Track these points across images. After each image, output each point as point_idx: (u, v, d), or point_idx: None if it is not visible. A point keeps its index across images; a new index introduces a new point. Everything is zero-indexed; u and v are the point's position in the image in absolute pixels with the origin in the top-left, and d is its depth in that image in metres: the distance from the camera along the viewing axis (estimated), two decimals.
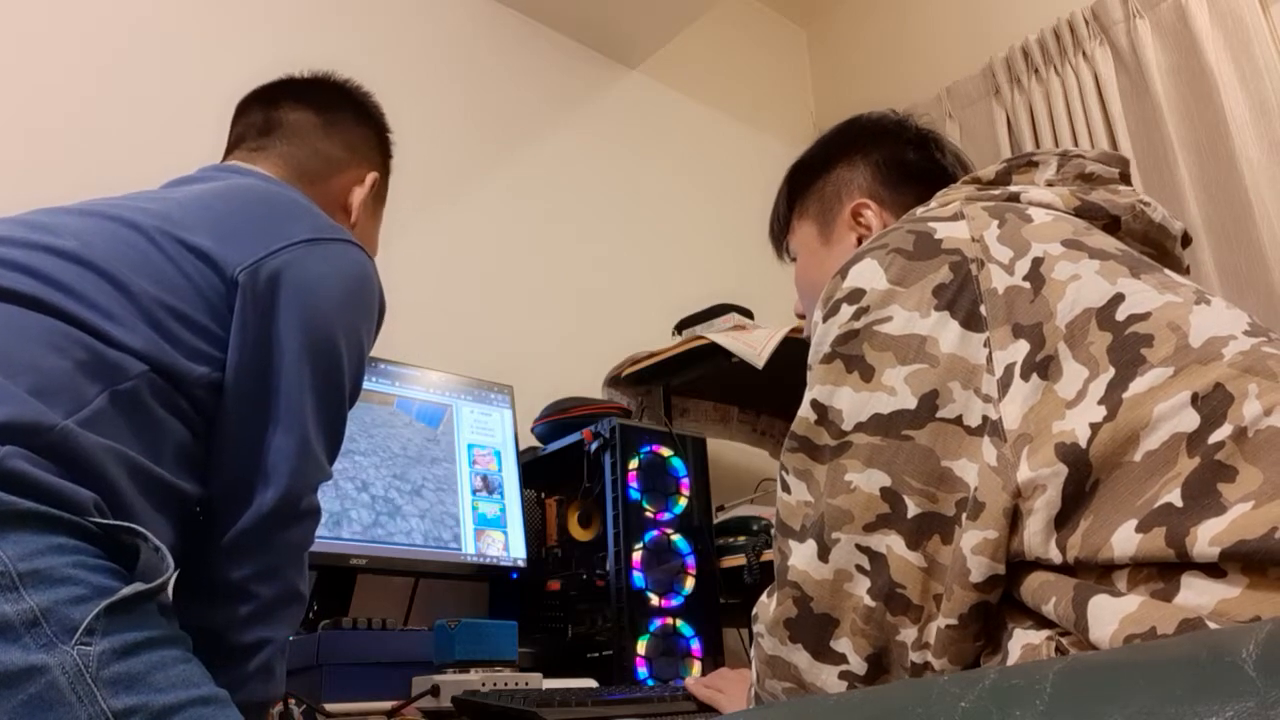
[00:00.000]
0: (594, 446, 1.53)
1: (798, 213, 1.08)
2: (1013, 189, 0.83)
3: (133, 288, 0.78)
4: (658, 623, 1.42)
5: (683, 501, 1.54)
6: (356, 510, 1.37)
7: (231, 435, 0.83)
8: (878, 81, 2.72)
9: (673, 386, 1.86)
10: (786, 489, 0.76)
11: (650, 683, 1.36)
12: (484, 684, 1.10)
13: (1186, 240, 0.86)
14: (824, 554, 0.72)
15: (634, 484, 1.49)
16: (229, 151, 1.09)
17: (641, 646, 1.39)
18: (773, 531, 0.80)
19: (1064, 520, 0.62)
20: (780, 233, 1.12)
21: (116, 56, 1.64)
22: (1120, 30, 2.17)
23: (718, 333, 1.69)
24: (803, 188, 1.08)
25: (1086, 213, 0.80)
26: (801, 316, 1.10)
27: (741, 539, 1.57)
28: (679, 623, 1.44)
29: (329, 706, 1.09)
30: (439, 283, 1.95)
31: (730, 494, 1.88)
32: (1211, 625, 0.52)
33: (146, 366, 0.76)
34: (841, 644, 0.73)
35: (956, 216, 0.77)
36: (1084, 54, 2.21)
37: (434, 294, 1.93)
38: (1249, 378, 0.59)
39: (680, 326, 1.85)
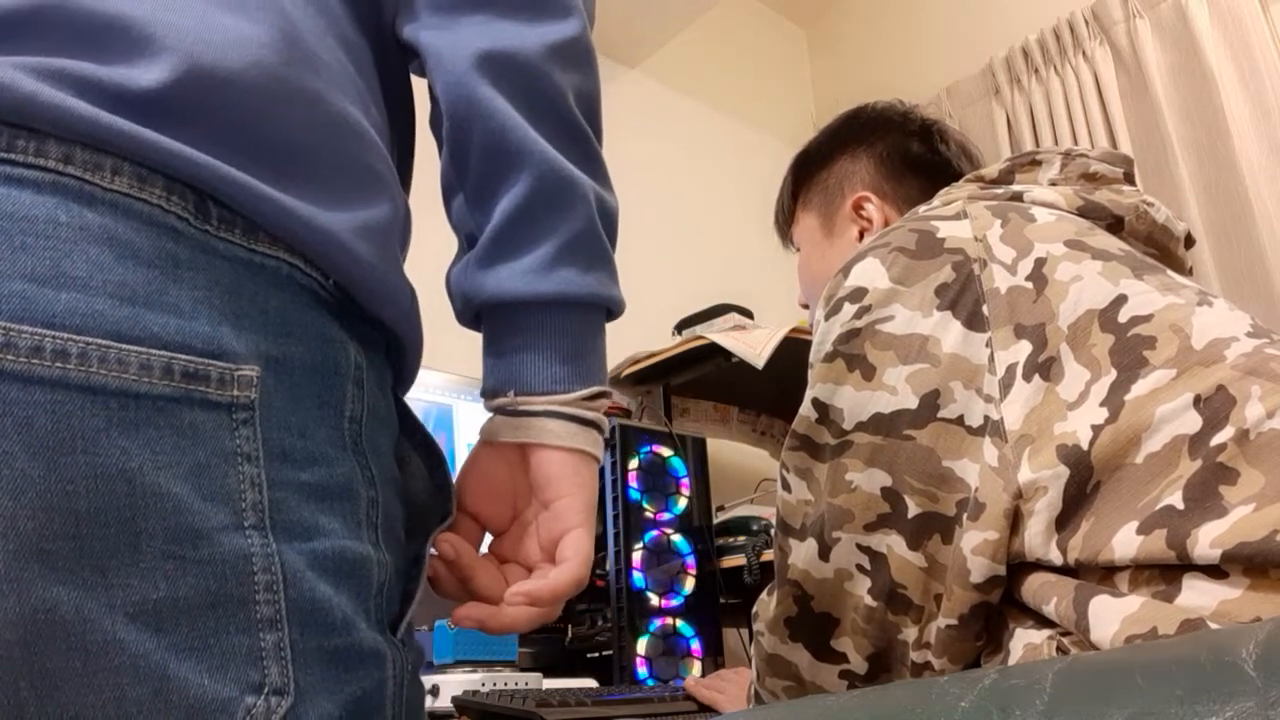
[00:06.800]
0: None
1: (801, 203, 1.08)
2: (1016, 188, 0.82)
3: None
4: (658, 623, 1.42)
5: (683, 501, 1.53)
6: None
7: None
8: (878, 81, 2.72)
9: (673, 386, 1.86)
10: (787, 487, 0.76)
11: (650, 683, 1.36)
12: (484, 684, 1.10)
13: (1190, 241, 0.86)
14: (824, 553, 0.72)
15: (634, 484, 1.49)
16: None
17: (641, 646, 1.39)
18: (773, 530, 0.80)
19: (1065, 522, 0.62)
20: (785, 223, 1.12)
21: None
22: (1120, 30, 2.17)
23: (718, 333, 1.69)
24: (806, 178, 1.08)
25: (1090, 213, 0.79)
26: (805, 306, 1.10)
27: (741, 539, 1.57)
28: (679, 623, 1.44)
29: None
30: (438, 282, 1.94)
31: (730, 494, 1.88)
32: (1213, 626, 0.52)
33: None
34: (842, 643, 0.73)
35: (959, 215, 0.77)
36: (1084, 54, 2.21)
37: (434, 294, 1.93)
38: (1251, 380, 0.59)
39: (680, 326, 1.85)
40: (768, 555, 1.50)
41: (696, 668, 1.43)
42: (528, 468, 0.54)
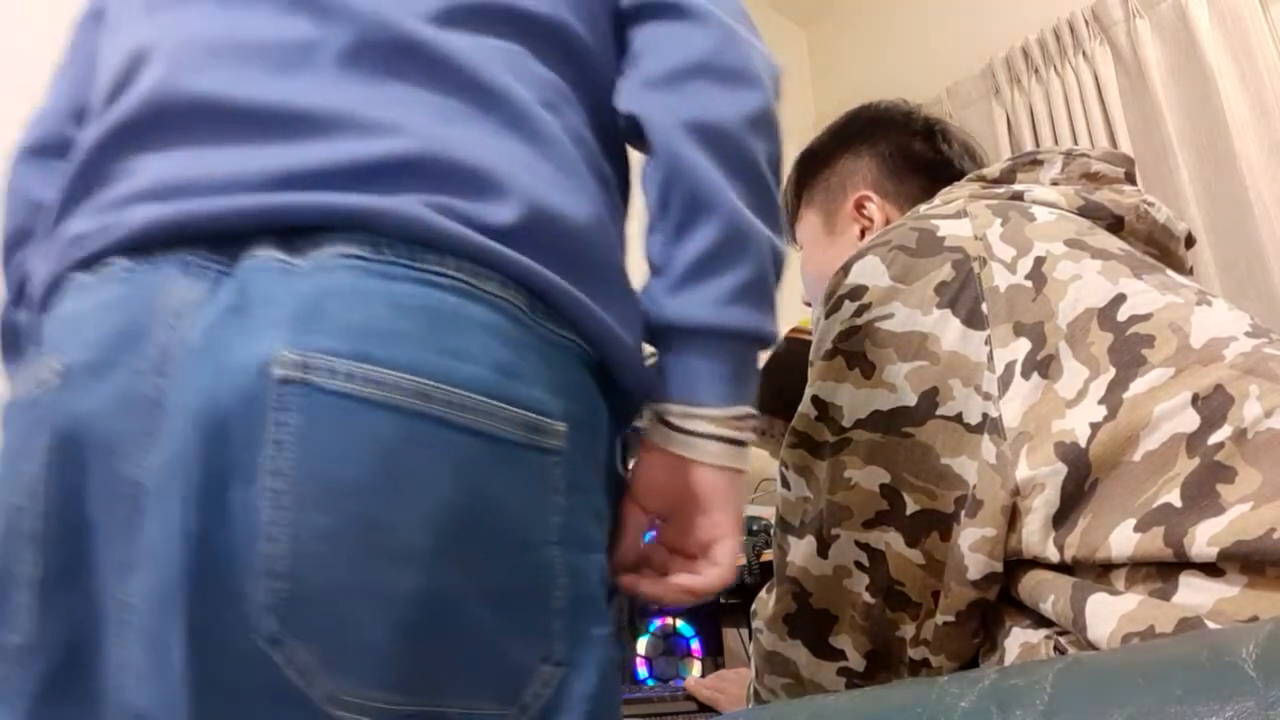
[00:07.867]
0: None
1: (804, 202, 1.08)
2: (1017, 187, 0.82)
3: None
4: (658, 623, 1.42)
5: None
6: None
7: None
8: (878, 82, 2.71)
9: None
10: (786, 485, 0.77)
11: (650, 683, 1.36)
12: None
13: (1190, 241, 0.86)
14: (823, 550, 0.72)
15: None
16: None
17: (641, 646, 1.39)
18: (773, 528, 0.80)
19: (1062, 519, 0.62)
20: (789, 220, 1.12)
21: None
22: (1120, 30, 2.17)
23: None
24: (809, 177, 1.07)
25: (1090, 212, 0.80)
26: (809, 305, 1.10)
27: (741, 539, 1.56)
28: (679, 623, 1.44)
29: None
30: None
31: None
32: (1210, 624, 0.53)
33: None
34: (840, 640, 0.74)
35: (960, 214, 0.77)
36: (1084, 54, 2.21)
37: None
38: (1250, 379, 0.59)
39: None
40: (768, 555, 1.50)
41: (696, 668, 1.43)
42: (688, 477, 0.64)
